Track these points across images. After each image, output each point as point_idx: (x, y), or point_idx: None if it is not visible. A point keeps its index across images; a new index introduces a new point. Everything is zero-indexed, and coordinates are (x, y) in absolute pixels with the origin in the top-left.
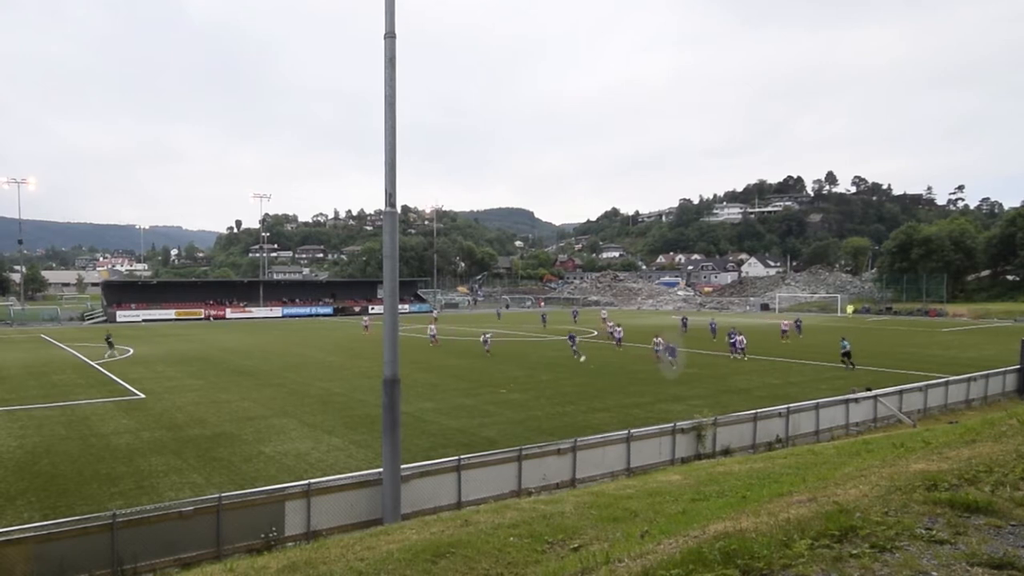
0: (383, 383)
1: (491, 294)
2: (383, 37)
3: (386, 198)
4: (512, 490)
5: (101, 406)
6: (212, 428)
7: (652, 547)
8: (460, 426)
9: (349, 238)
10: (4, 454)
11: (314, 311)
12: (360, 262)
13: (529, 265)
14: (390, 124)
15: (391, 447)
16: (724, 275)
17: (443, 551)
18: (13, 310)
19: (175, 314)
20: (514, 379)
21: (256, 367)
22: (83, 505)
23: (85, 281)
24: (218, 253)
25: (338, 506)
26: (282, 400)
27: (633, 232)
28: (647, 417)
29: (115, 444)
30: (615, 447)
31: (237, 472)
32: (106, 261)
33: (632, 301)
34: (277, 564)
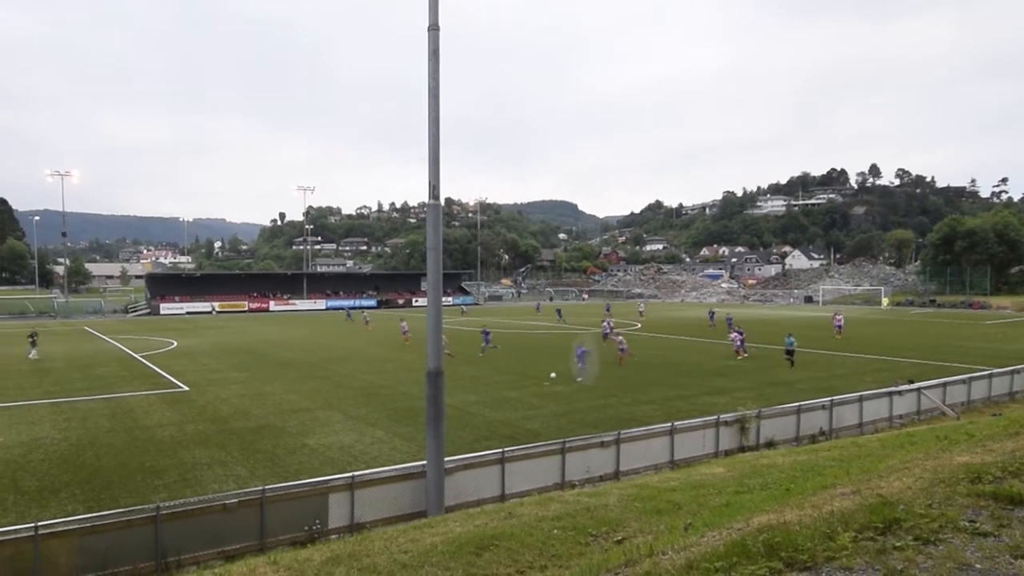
0: (427, 375)
1: (535, 286)
2: (427, 30)
3: (430, 190)
4: (556, 483)
5: (145, 398)
6: (256, 420)
7: (696, 540)
8: (504, 418)
9: (393, 230)
10: (49, 446)
11: (358, 303)
12: (404, 254)
13: (573, 258)
14: (434, 116)
15: (435, 439)
16: (768, 267)
17: (487, 543)
18: (57, 303)
19: (219, 307)
20: (558, 371)
21: (300, 359)
22: (127, 497)
23: (129, 274)
24: (262, 246)
25: (382, 498)
26: (326, 392)
27: (677, 225)
28: (691, 410)
29: (159, 436)
30: (659, 440)
31: (281, 465)
32: (150, 253)
33: (676, 293)
34: (321, 557)
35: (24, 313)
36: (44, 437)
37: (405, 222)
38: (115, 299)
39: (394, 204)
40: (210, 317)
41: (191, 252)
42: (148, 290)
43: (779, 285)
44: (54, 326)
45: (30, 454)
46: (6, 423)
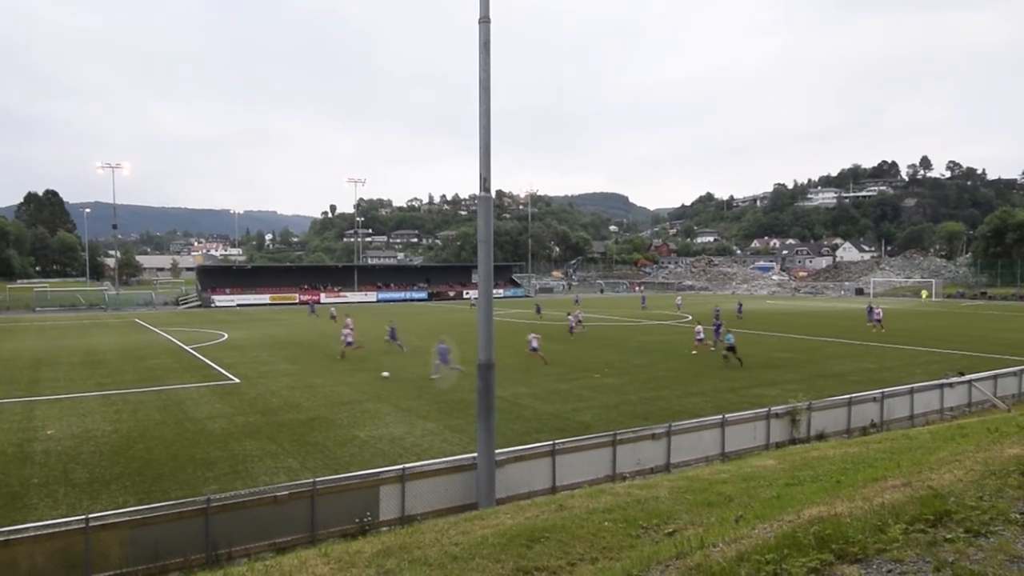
0: (478, 368)
1: (586, 278)
2: (478, 22)
3: (481, 183)
4: (607, 475)
5: (196, 391)
6: (307, 413)
7: (746, 532)
8: (554, 411)
9: (444, 223)
10: (100, 438)
11: (408, 296)
12: (454, 247)
13: (624, 250)
14: (484, 109)
15: (486, 432)
16: (819, 260)
17: (538, 536)
18: (108, 295)
19: (269, 299)
20: (608, 364)
21: (351, 352)
22: (178, 490)
23: (179, 266)
24: (312, 238)
25: (432, 491)
26: (376, 384)
27: (728, 217)
28: (741, 402)
29: (210, 429)
30: (709, 432)
31: (332, 457)
32: (200, 246)
33: (727, 286)
34: (372, 549)
35: (75, 305)
36: (95, 429)
37: (456, 214)
38: (166, 291)
39: (445, 196)
40: (261, 310)
41: (242, 244)
42: (199, 282)
43: (830, 277)
44: (105, 318)
45: (81, 446)
46: (57, 415)
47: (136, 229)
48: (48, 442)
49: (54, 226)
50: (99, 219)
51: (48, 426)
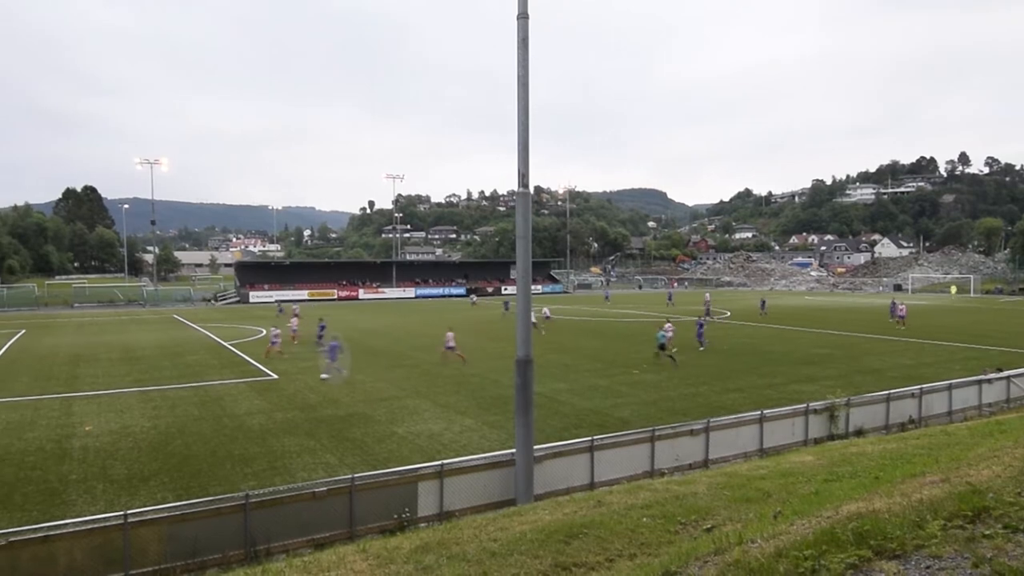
0: (516, 363)
1: (624, 274)
2: (516, 18)
3: (519, 179)
4: (645, 471)
5: (234, 386)
6: (345, 409)
7: (785, 528)
8: (593, 407)
9: (482, 219)
10: (138, 434)
11: (447, 292)
12: (493, 243)
13: (662, 246)
14: (523, 105)
15: (524, 428)
16: (857, 256)
17: (576, 532)
18: (146, 291)
19: (308, 295)
20: (647, 360)
21: (389, 348)
22: (216, 486)
23: (218, 262)
24: (351, 234)
25: (471, 487)
26: (415, 380)
27: (766, 213)
28: (780, 398)
29: (248, 425)
30: (748, 428)
31: (370, 453)
32: (239, 242)
33: (765, 282)
34: (410, 545)
35: (113, 301)
36: (133, 425)
37: (494, 210)
38: (204, 287)
39: (483, 192)
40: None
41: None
42: (237, 278)
43: (868, 273)
44: (143, 314)
45: (119, 442)
46: (95, 411)
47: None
48: (86, 438)
49: (92, 222)
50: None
51: (86, 422)
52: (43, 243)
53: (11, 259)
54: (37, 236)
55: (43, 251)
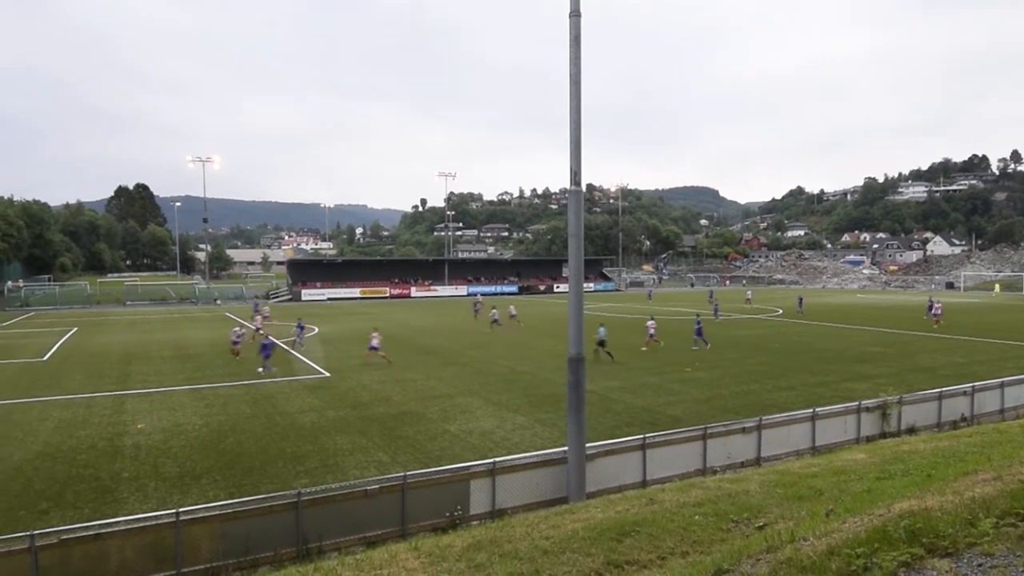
0: (568, 361)
1: (676, 272)
2: (568, 16)
3: (571, 176)
4: (697, 469)
5: (286, 384)
6: (397, 407)
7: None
8: (645, 404)
9: (534, 216)
10: (190, 432)
11: (499, 289)
12: (545, 240)
13: (714, 244)
14: (575, 103)
15: (576, 426)
16: (909, 253)
17: (628, 529)
18: (198, 288)
19: (360, 293)
20: (700, 357)
21: (441, 345)
22: (268, 484)
23: (270, 260)
24: (403, 232)
25: (523, 485)
26: (467, 378)
27: (818, 211)
28: (832, 396)
29: (300, 422)
30: (800, 426)
31: (422, 451)
32: (291, 240)
33: (817, 280)
34: (462, 543)
35: (165, 299)
36: (185, 423)
37: (546, 208)
38: (256, 285)
39: (535, 190)
40: (351, 304)
41: (332, 238)
42: (289, 276)
43: (920, 271)
44: (195, 312)
45: (171, 440)
46: (147, 409)
47: (227, 223)
48: (138, 436)
49: (144, 220)
50: (190, 213)
51: (138, 420)
52: (95, 241)
53: (63, 257)
54: (89, 234)
55: (95, 249)
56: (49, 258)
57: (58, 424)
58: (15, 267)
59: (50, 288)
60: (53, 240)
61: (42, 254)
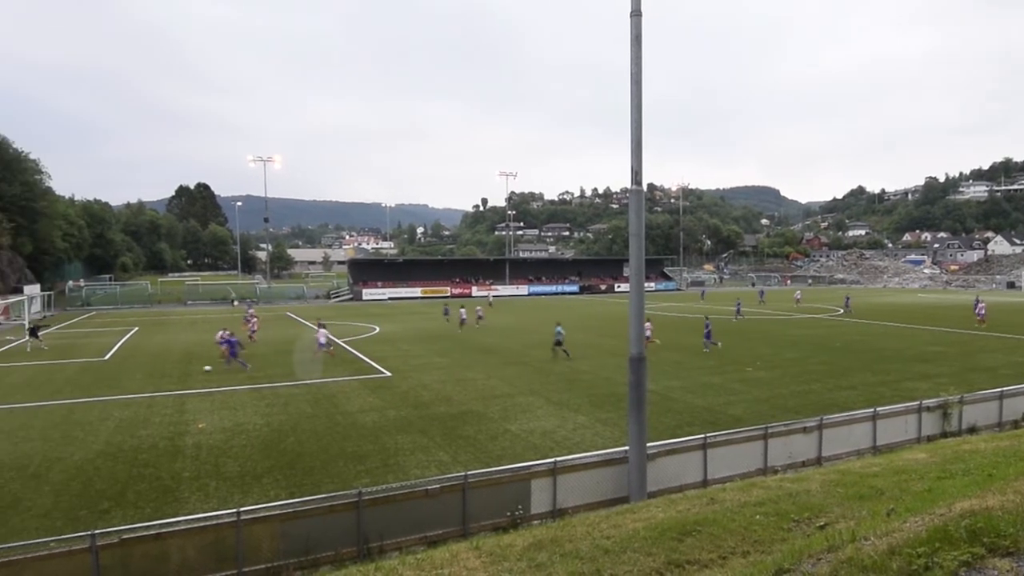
0: (629, 361)
1: (737, 272)
2: (629, 15)
3: (632, 176)
4: (758, 468)
5: (347, 384)
6: (458, 406)
7: (898, 525)
8: (706, 404)
9: (595, 216)
10: (251, 432)
11: (560, 289)
12: (606, 240)
13: (775, 243)
14: (636, 102)
15: (637, 425)
16: (970, 253)
17: (689, 529)
18: (259, 288)
19: (421, 292)
20: (760, 357)
21: (501, 345)
22: (329, 483)
23: (331, 259)
24: (464, 231)
25: (584, 484)
26: (528, 378)
27: (879, 210)
28: (893, 395)
29: (361, 422)
30: (861, 425)
31: (483, 450)
32: (352, 239)
33: (878, 279)
34: (523, 542)
35: (226, 299)
36: (246, 423)
37: (607, 207)
38: (317, 284)
39: (596, 189)
40: (412, 303)
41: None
42: (350, 276)
43: (981, 271)
44: (256, 312)
45: (232, 440)
46: (208, 409)
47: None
48: (199, 435)
49: (205, 219)
50: (250, 212)
51: (199, 420)
52: (156, 240)
53: (124, 256)
54: (150, 233)
55: (156, 248)
56: (110, 257)
57: (119, 423)
58: (76, 267)
59: (111, 287)
60: (114, 240)
61: (103, 254)
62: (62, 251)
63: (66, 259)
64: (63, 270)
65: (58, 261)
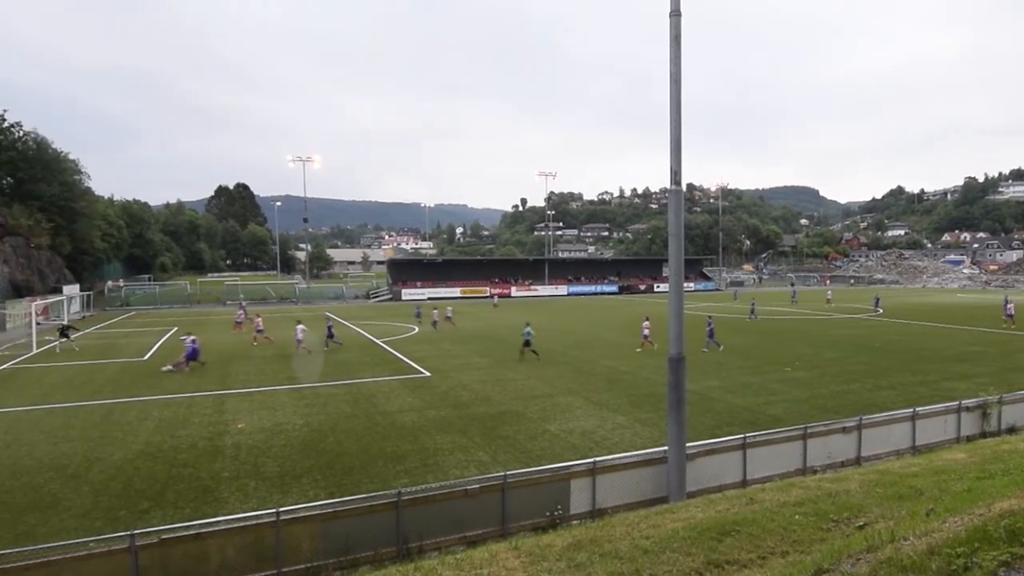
0: (669, 361)
1: (776, 272)
2: (668, 15)
3: (671, 176)
4: (797, 468)
5: (386, 384)
6: (497, 406)
7: (937, 525)
8: (745, 404)
9: (634, 216)
10: (290, 432)
11: (599, 289)
12: (645, 240)
13: (814, 243)
14: (675, 102)
15: (677, 425)
16: (1009, 253)
17: (728, 529)
18: (299, 288)
19: (460, 292)
20: (800, 357)
21: (541, 345)
22: (369, 483)
23: (370, 259)
24: (503, 231)
25: (623, 484)
26: (567, 378)
27: (918, 210)
28: (932, 395)
29: (400, 422)
30: (900, 425)
31: (523, 450)
32: (391, 239)
33: (917, 279)
34: (563, 542)
35: (265, 299)
36: (285, 423)
37: (646, 207)
38: (356, 284)
39: (635, 190)
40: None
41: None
42: (389, 275)
43: (1021, 271)
44: (296, 311)
45: (271, 440)
46: (248, 409)
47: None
48: (239, 435)
49: (245, 219)
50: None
51: (239, 420)
52: (195, 240)
53: (164, 256)
54: (189, 233)
55: (195, 248)
56: (149, 257)
57: (159, 423)
58: (115, 267)
59: (150, 287)
60: (153, 239)
61: (142, 254)
62: (101, 251)
63: (105, 259)
64: (102, 270)
65: (97, 261)
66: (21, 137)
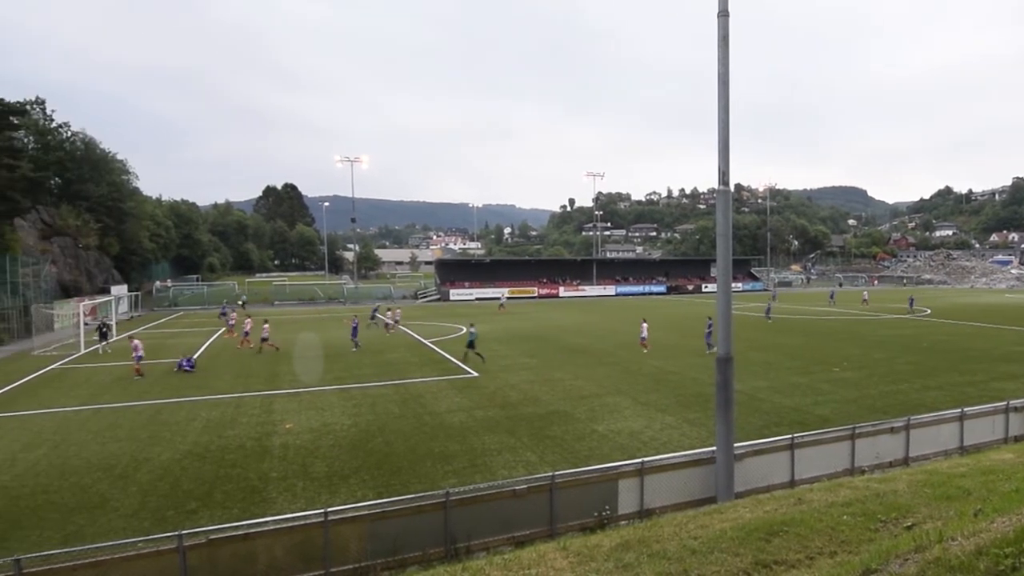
0: (716, 361)
1: (824, 272)
2: (716, 16)
3: (719, 176)
4: (845, 468)
5: (435, 384)
6: (545, 407)
7: (985, 525)
8: (794, 404)
9: (682, 216)
10: (338, 432)
11: (647, 289)
12: (693, 240)
13: (862, 243)
14: (723, 103)
15: (725, 425)
16: None
17: (776, 529)
18: (347, 288)
19: (508, 292)
20: (848, 357)
21: (589, 345)
22: (417, 483)
23: (418, 259)
24: (551, 231)
25: (671, 484)
26: (615, 378)
27: (966, 210)
28: (980, 395)
29: (448, 422)
30: (948, 425)
31: (570, 450)
32: (439, 239)
33: (965, 280)
34: (610, 542)
35: (313, 299)
36: (334, 423)
37: (694, 208)
38: (404, 285)
39: (683, 190)
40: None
41: (480, 238)
42: (437, 276)
43: None
44: (344, 312)
45: (319, 440)
46: (296, 409)
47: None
48: (287, 436)
49: (292, 220)
50: (338, 213)
51: (287, 420)
52: (243, 241)
53: (212, 257)
54: (237, 234)
55: (243, 249)
56: (197, 258)
57: (206, 424)
58: (164, 267)
59: (198, 288)
60: (201, 240)
61: (190, 254)
62: (149, 251)
63: (153, 259)
64: (150, 270)
65: (145, 261)
66: (69, 137)
